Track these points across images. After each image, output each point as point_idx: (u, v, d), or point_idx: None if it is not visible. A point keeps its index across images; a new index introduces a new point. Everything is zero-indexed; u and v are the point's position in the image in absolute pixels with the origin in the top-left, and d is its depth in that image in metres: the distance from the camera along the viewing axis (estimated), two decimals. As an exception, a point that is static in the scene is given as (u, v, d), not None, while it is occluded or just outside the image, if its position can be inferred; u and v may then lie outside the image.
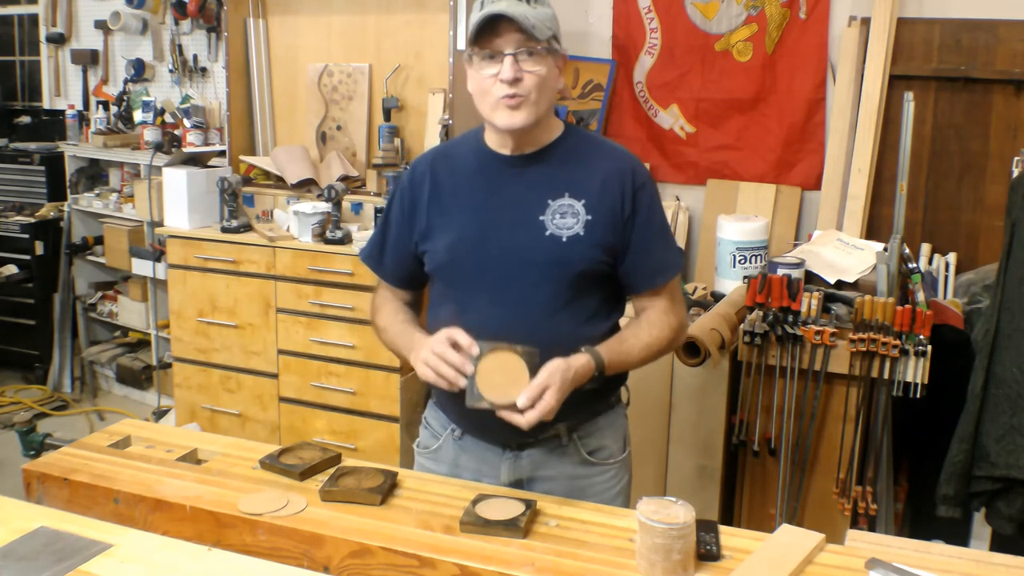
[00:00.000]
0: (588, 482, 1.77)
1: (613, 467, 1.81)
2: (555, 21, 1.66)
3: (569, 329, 1.68)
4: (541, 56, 1.62)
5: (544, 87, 1.64)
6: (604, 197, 1.68)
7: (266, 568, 1.39)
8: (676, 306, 1.78)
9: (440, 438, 1.86)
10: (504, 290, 1.69)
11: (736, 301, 2.89)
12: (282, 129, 4.06)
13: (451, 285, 1.76)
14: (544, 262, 1.67)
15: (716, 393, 2.80)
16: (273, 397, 3.57)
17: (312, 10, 3.88)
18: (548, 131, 1.72)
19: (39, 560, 1.35)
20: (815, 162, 3.63)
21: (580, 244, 1.67)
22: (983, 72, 3.27)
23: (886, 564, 1.40)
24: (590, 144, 1.77)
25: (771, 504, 2.81)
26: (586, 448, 1.77)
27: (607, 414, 1.80)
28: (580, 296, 1.70)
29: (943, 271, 3.27)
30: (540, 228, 1.67)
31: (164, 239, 3.77)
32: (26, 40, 5.47)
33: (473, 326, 1.67)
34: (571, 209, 1.67)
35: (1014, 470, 2.33)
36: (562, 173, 1.70)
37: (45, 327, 4.93)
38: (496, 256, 1.69)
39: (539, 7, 1.63)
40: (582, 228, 1.67)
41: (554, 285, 1.68)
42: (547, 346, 1.63)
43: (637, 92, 3.90)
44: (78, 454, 1.81)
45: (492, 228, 1.70)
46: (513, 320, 1.67)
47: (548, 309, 1.68)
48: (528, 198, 1.69)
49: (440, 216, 1.75)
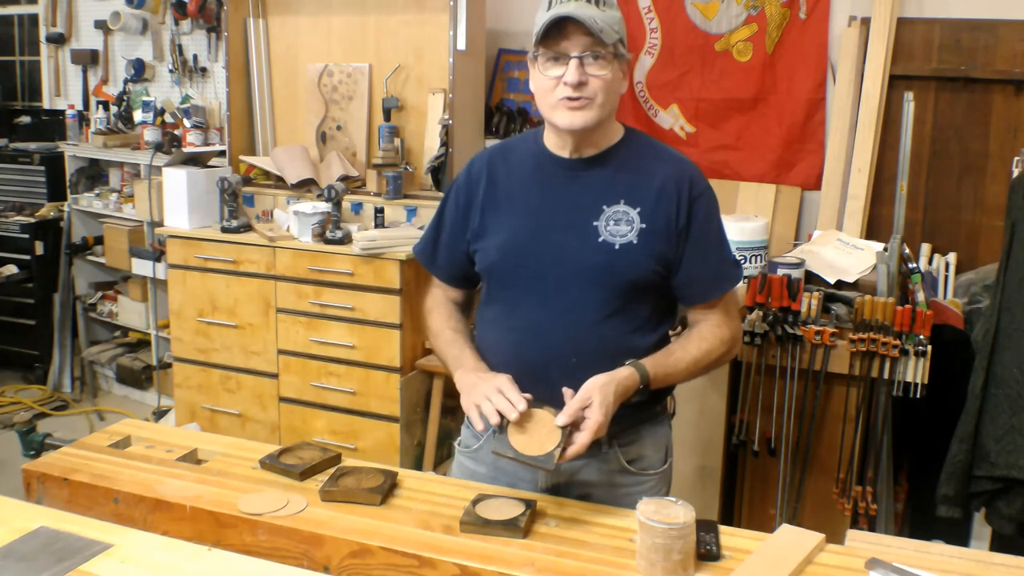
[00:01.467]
0: (626, 491, 1.73)
1: (652, 478, 1.77)
2: (622, 25, 1.61)
3: (616, 337, 1.65)
4: (607, 60, 1.58)
5: (609, 91, 1.61)
6: (660, 206, 1.64)
7: (266, 568, 1.39)
8: (730, 319, 1.74)
9: (481, 439, 1.80)
10: (553, 294, 1.66)
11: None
12: (282, 129, 4.06)
13: (501, 286, 1.74)
14: (594, 269, 1.64)
15: (716, 393, 2.80)
16: (273, 397, 3.57)
17: (312, 10, 3.88)
18: (608, 135, 1.69)
19: (39, 560, 1.35)
20: (815, 162, 3.63)
21: (632, 252, 1.63)
22: (983, 72, 3.27)
23: (886, 564, 1.40)
24: (649, 150, 1.72)
25: (771, 504, 2.81)
26: (626, 456, 1.73)
27: (650, 424, 1.77)
28: (630, 305, 1.66)
29: (943, 271, 3.27)
30: (593, 234, 1.64)
31: (164, 239, 3.77)
32: (26, 40, 5.48)
33: (519, 328, 1.67)
34: (626, 216, 1.64)
35: (1014, 470, 2.33)
36: (619, 179, 1.67)
37: (45, 327, 4.93)
38: (546, 259, 1.66)
39: (608, 10, 1.58)
40: (636, 236, 1.63)
41: (603, 292, 1.64)
42: (593, 353, 1.62)
43: (637, 92, 3.90)
44: (78, 454, 1.81)
45: (544, 231, 1.67)
46: (560, 325, 1.65)
47: (596, 316, 1.65)
48: (583, 202, 1.66)
49: (494, 215, 1.73)
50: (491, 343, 1.75)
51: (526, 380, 1.62)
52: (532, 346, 1.67)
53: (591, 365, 1.59)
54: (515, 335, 1.70)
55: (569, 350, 1.64)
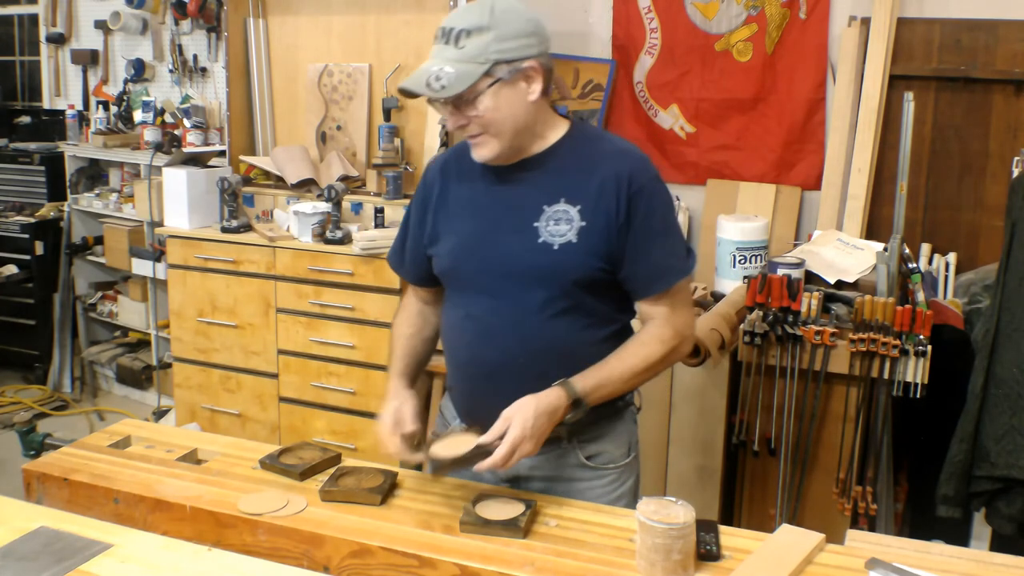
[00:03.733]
0: (586, 485, 1.75)
1: (613, 472, 1.78)
2: (497, 43, 1.55)
3: (567, 335, 1.66)
4: (481, 93, 1.56)
5: (501, 117, 1.59)
6: (600, 202, 1.62)
7: (266, 568, 1.39)
8: (678, 314, 1.70)
9: (448, 428, 1.84)
10: (501, 297, 1.67)
11: (736, 301, 2.89)
12: (282, 129, 4.06)
13: (455, 289, 1.77)
14: (536, 270, 1.64)
15: (716, 393, 2.80)
16: (273, 397, 3.57)
17: (312, 10, 3.88)
18: (543, 138, 1.68)
19: (39, 560, 1.35)
20: (815, 162, 3.63)
21: (573, 252, 1.63)
22: (983, 72, 3.27)
23: (886, 564, 1.40)
24: (593, 145, 1.70)
25: (771, 504, 2.81)
26: (585, 453, 1.75)
27: (610, 420, 1.78)
28: (579, 302, 1.66)
29: (943, 271, 3.27)
30: (534, 235, 1.64)
31: (164, 239, 3.77)
32: (26, 40, 5.47)
33: (472, 330, 1.71)
34: (566, 215, 1.64)
35: (1014, 470, 2.33)
36: (560, 178, 1.66)
37: (45, 327, 4.93)
38: (493, 263, 1.68)
39: (471, 40, 1.54)
40: (576, 235, 1.63)
41: (548, 292, 1.65)
42: (543, 352, 1.64)
43: (637, 92, 3.90)
44: (78, 454, 1.81)
45: (490, 234, 1.68)
46: (508, 326, 1.67)
47: (543, 316, 1.65)
48: (525, 203, 1.66)
49: (446, 220, 1.75)
50: (450, 344, 1.80)
51: (481, 380, 1.71)
52: (484, 348, 1.70)
53: (542, 364, 1.63)
54: (468, 336, 1.73)
55: (519, 351, 1.66)
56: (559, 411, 1.60)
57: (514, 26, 1.57)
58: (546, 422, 1.58)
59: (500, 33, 1.56)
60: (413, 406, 1.72)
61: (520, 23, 1.58)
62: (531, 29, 1.60)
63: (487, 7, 1.56)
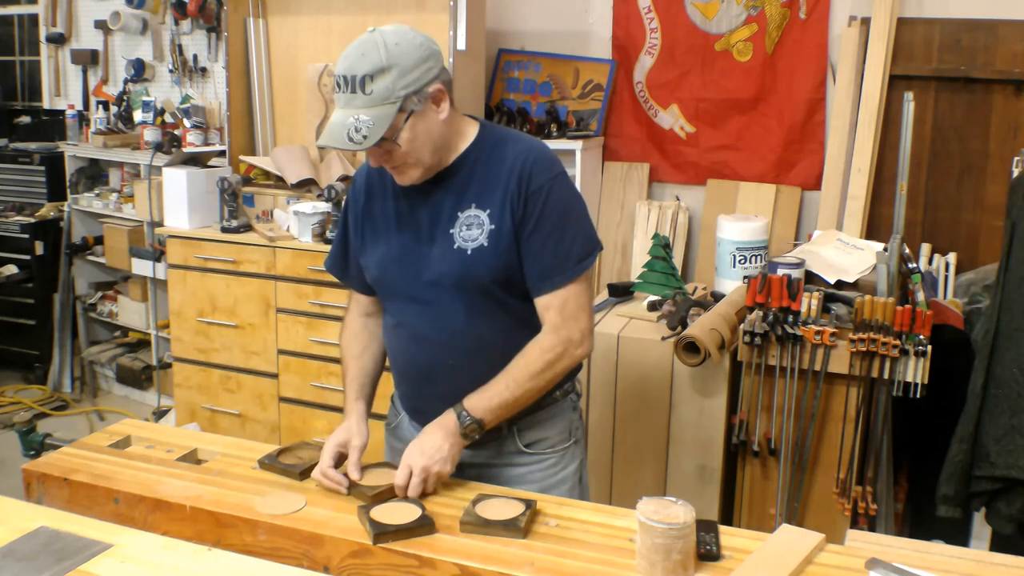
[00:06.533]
0: (525, 470, 1.81)
1: (552, 456, 1.83)
2: (401, 79, 1.57)
3: (492, 336, 1.71)
4: (400, 129, 1.59)
5: (418, 145, 1.62)
6: (505, 203, 1.66)
7: (266, 568, 1.39)
8: (566, 318, 1.68)
9: (398, 416, 1.92)
10: (427, 303, 1.72)
11: (736, 301, 2.89)
12: (282, 129, 4.06)
13: (386, 298, 1.82)
14: (453, 276, 1.68)
15: (716, 393, 2.80)
16: (273, 397, 3.57)
17: (312, 10, 3.88)
18: (456, 149, 1.70)
19: (39, 560, 1.35)
20: (815, 162, 3.63)
21: (484, 255, 1.66)
22: (983, 72, 3.27)
23: (886, 564, 1.40)
24: (498, 147, 1.71)
25: (771, 504, 2.81)
26: (523, 440, 1.80)
27: (549, 408, 1.82)
28: (500, 302, 1.70)
29: (943, 271, 3.27)
30: (450, 241, 1.68)
31: (164, 239, 3.77)
32: (26, 40, 5.47)
33: (405, 336, 1.77)
34: (477, 220, 1.67)
35: (1014, 470, 2.33)
36: (472, 183, 1.69)
37: (45, 327, 4.93)
38: (417, 271, 1.71)
39: (374, 84, 1.55)
40: (486, 239, 1.66)
41: (467, 296, 1.68)
42: (470, 354, 1.70)
43: (637, 92, 3.90)
44: (78, 454, 1.81)
45: (413, 244, 1.72)
46: (435, 332, 1.72)
47: (466, 320, 1.70)
48: (442, 211, 1.70)
49: (372, 231, 1.79)
50: (389, 350, 1.87)
51: (420, 382, 1.80)
52: (417, 353, 1.76)
53: (473, 364, 1.68)
54: (402, 343, 1.79)
55: (447, 354, 1.72)
56: (454, 430, 1.67)
57: (411, 56, 1.60)
58: (449, 445, 1.65)
59: (401, 68, 1.58)
60: (360, 445, 1.76)
61: (415, 52, 1.61)
62: (426, 53, 1.62)
63: (380, 47, 1.58)
